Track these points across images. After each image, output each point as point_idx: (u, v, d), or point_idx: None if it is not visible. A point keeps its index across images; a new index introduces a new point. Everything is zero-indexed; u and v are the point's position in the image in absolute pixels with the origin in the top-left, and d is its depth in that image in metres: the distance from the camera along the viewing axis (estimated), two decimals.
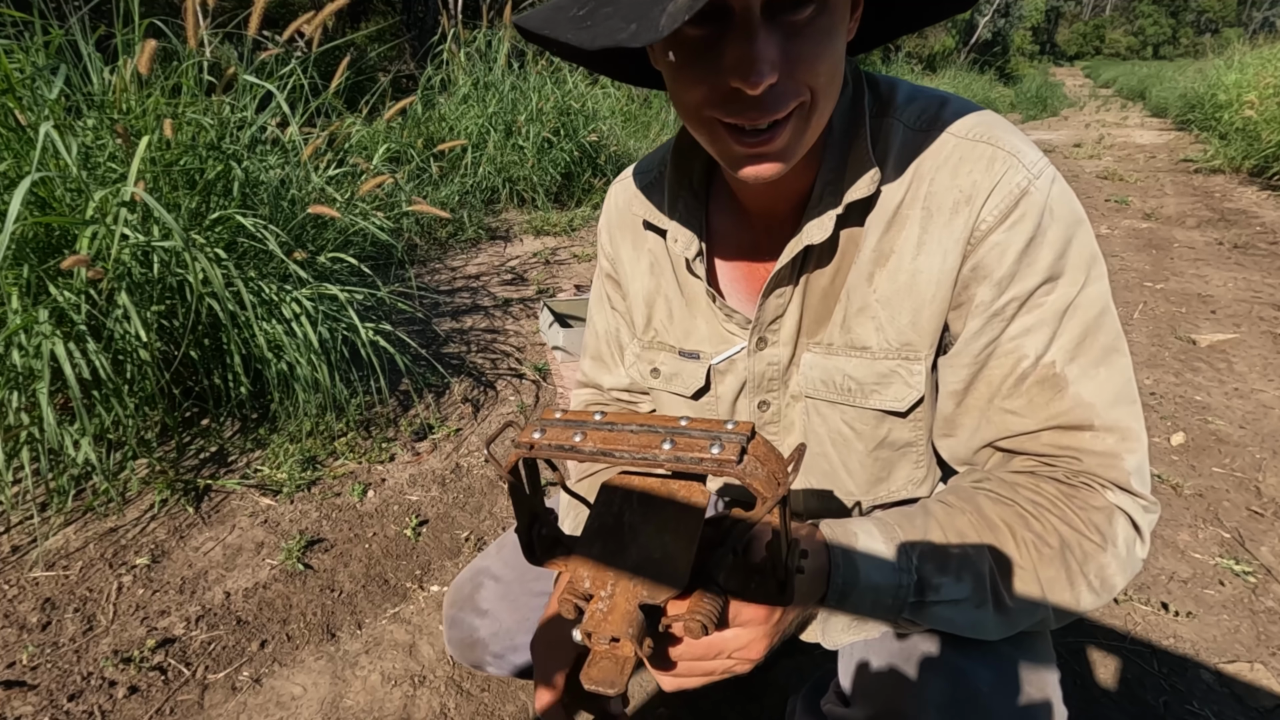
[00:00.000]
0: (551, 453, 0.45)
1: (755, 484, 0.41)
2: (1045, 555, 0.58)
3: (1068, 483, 0.61)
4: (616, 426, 0.45)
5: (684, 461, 0.41)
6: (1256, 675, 1.32)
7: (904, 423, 0.71)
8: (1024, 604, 0.59)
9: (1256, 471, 1.96)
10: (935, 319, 0.65)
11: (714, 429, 0.43)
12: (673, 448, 0.42)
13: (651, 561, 0.46)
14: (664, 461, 0.42)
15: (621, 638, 0.43)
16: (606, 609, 0.44)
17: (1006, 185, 0.59)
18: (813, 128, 0.58)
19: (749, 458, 0.41)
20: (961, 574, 0.57)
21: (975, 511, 0.60)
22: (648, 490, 0.51)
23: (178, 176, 1.91)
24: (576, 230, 4.24)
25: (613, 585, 0.46)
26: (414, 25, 7.86)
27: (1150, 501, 0.61)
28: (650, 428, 0.44)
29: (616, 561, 0.47)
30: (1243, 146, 6.10)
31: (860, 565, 0.57)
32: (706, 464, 0.41)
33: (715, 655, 0.51)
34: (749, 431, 0.42)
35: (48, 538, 1.62)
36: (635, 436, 0.44)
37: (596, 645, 0.44)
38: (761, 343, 0.73)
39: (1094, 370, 0.60)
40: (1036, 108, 13.17)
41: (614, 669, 0.44)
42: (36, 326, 1.56)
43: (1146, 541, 0.61)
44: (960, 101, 0.66)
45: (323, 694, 1.29)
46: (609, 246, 0.86)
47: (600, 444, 0.44)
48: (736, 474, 0.40)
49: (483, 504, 1.84)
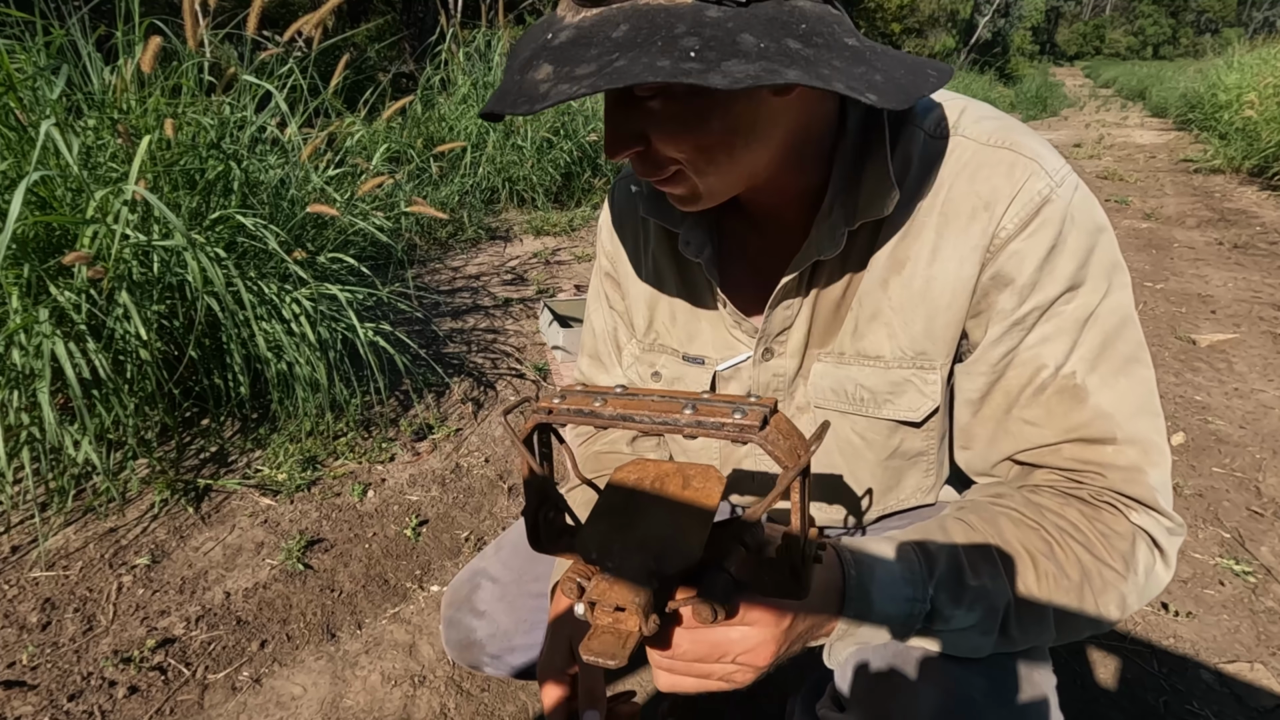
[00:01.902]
0: (570, 417, 0.44)
1: (777, 452, 0.40)
2: (1063, 587, 0.56)
3: (1092, 503, 0.59)
4: (638, 395, 0.44)
5: (705, 426, 0.41)
6: (1256, 675, 1.32)
7: (918, 433, 0.69)
8: (1030, 634, 0.58)
9: (1256, 471, 1.96)
10: (951, 327, 0.63)
11: (737, 400, 0.42)
12: (694, 413, 0.41)
13: (663, 536, 0.45)
14: (684, 426, 0.41)
15: (627, 607, 0.42)
16: (612, 579, 0.43)
17: (1028, 192, 0.58)
18: (711, 182, 0.58)
19: (771, 428, 0.40)
20: (974, 605, 0.56)
21: (997, 536, 0.58)
22: (661, 476, 0.50)
23: (178, 176, 1.92)
24: (576, 230, 4.24)
25: (618, 555, 0.44)
26: (413, 25, 7.85)
27: (1176, 523, 0.59)
28: (672, 397, 0.43)
29: (625, 535, 0.45)
30: (1243, 146, 6.10)
31: (874, 595, 0.55)
32: (728, 429, 0.40)
33: (719, 657, 0.49)
34: (772, 405, 0.42)
35: (48, 538, 1.62)
36: (656, 404, 0.43)
37: (599, 617, 0.43)
38: (768, 354, 0.72)
39: (1114, 380, 0.59)
40: (1036, 108, 13.16)
41: (615, 642, 0.42)
42: (37, 326, 1.56)
43: (1171, 565, 0.60)
44: (980, 106, 0.65)
45: (323, 694, 1.29)
46: (609, 245, 0.84)
47: (620, 409, 0.43)
48: (758, 440, 0.39)
49: (483, 504, 1.84)
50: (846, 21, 0.53)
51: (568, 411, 0.44)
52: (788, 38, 0.47)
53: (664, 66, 0.45)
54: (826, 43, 0.49)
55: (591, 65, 0.47)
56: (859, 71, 0.49)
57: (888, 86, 0.49)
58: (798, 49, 0.47)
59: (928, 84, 0.51)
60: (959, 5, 18.01)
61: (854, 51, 0.50)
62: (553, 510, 0.52)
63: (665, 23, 0.47)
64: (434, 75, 4.54)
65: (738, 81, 0.44)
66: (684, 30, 0.46)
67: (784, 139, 0.59)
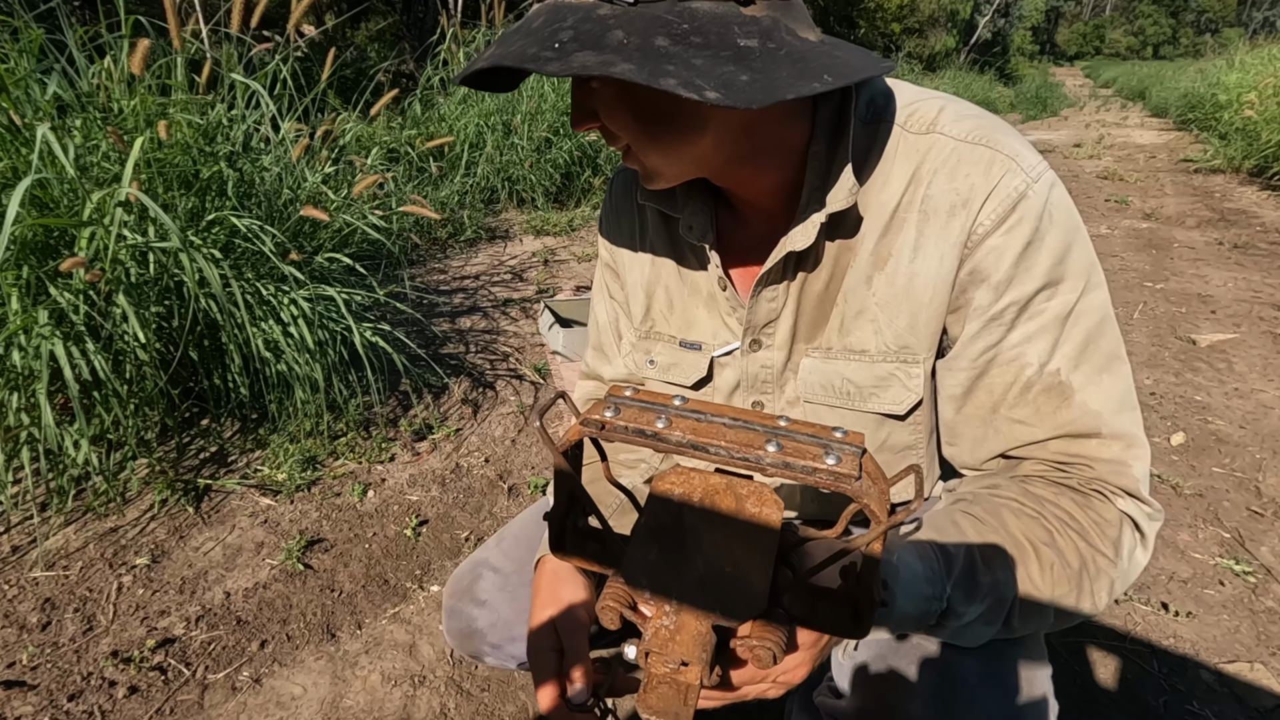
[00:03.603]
0: (629, 438, 0.39)
1: (872, 505, 0.36)
2: (1064, 576, 0.58)
3: (1082, 491, 0.60)
4: (705, 416, 0.39)
5: (794, 469, 0.36)
6: (1256, 675, 1.32)
7: (903, 426, 0.71)
8: (1029, 622, 0.58)
9: (1256, 471, 1.96)
10: (933, 322, 0.65)
11: (823, 435, 0.38)
12: (779, 451, 0.37)
13: (723, 576, 0.40)
14: (769, 466, 0.37)
15: (692, 662, 0.37)
16: (673, 627, 0.38)
17: (1004, 189, 0.59)
18: (656, 162, 0.61)
19: (864, 475, 0.37)
20: (985, 599, 0.57)
21: (1002, 528, 0.59)
22: (711, 493, 0.43)
23: (173, 177, 1.91)
24: (576, 230, 4.24)
25: (679, 597, 0.39)
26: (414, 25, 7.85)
27: (1155, 508, 0.61)
28: (747, 423, 0.39)
29: (681, 571, 0.40)
30: (1243, 146, 6.10)
31: (898, 596, 0.55)
32: (821, 476, 0.36)
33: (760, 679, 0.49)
34: (861, 444, 0.38)
35: (48, 538, 1.62)
36: (732, 432, 0.38)
37: (656, 667, 0.38)
38: (755, 344, 0.73)
39: (1098, 377, 0.60)
40: (1036, 108, 13.16)
41: (676, 698, 0.38)
42: (36, 328, 1.56)
43: (1149, 548, 0.61)
44: (959, 104, 0.66)
45: (323, 694, 1.29)
46: (608, 235, 0.86)
47: (690, 434, 0.38)
48: (853, 491, 0.36)
49: (482, 504, 1.84)
50: (764, 23, 0.52)
51: (625, 430, 0.39)
52: (659, 36, 0.49)
53: (531, 53, 0.49)
54: (706, 42, 0.49)
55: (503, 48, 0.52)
56: (722, 71, 0.48)
57: (748, 86, 0.48)
58: (663, 46, 0.49)
59: (810, 87, 0.49)
60: (959, 5, 18.00)
61: (738, 51, 0.50)
62: (580, 516, 0.49)
63: (561, 16, 0.52)
64: (434, 75, 4.54)
65: (571, 70, 0.47)
66: (570, 24, 0.50)
67: (730, 133, 0.60)
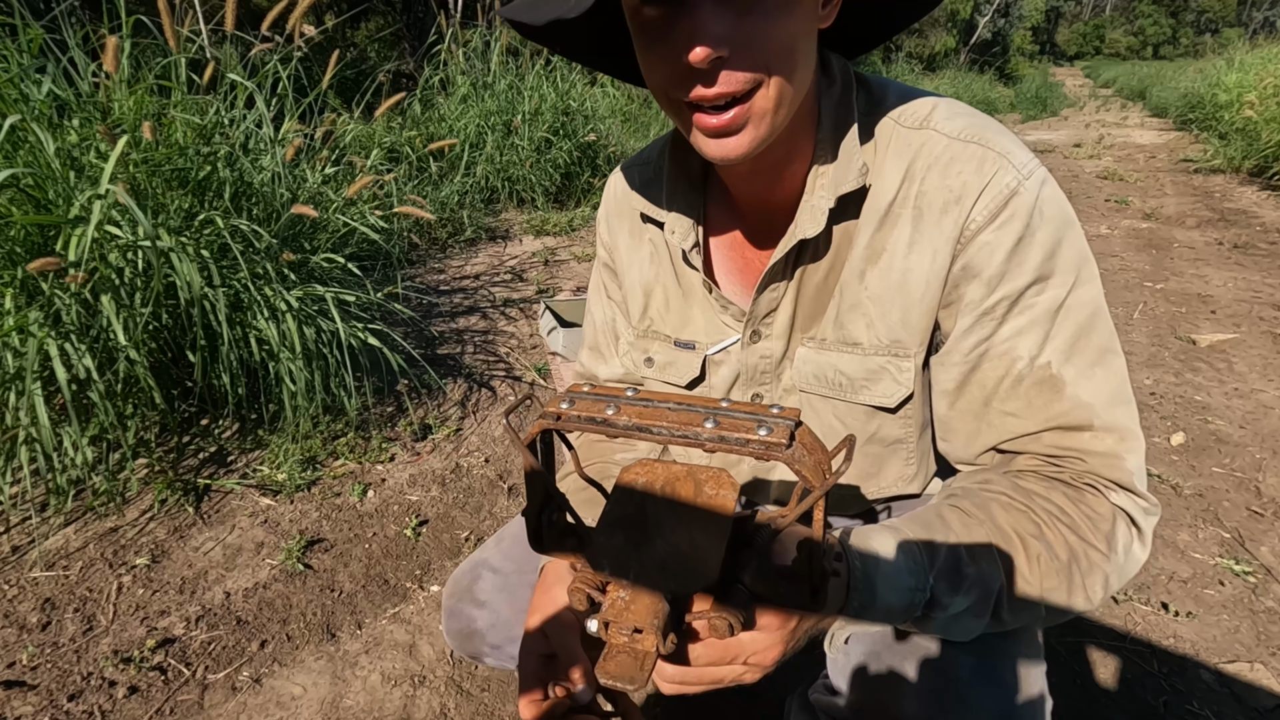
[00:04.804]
0: (581, 425, 0.41)
1: (804, 471, 0.38)
2: (1053, 569, 0.58)
3: (1074, 485, 0.61)
4: (652, 403, 0.42)
5: (729, 442, 0.38)
6: (1256, 675, 1.32)
7: (893, 419, 0.71)
8: (1020, 615, 0.59)
9: (1256, 471, 1.96)
10: (925, 317, 0.65)
11: (759, 411, 0.40)
12: (716, 427, 0.39)
13: (679, 554, 0.43)
14: (706, 441, 0.39)
15: (645, 629, 0.40)
16: (629, 598, 0.41)
17: (996, 185, 0.60)
18: (777, 109, 0.57)
19: (797, 444, 0.39)
20: (970, 590, 0.57)
21: (990, 522, 0.59)
22: (672, 480, 0.47)
23: (169, 176, 1.91)
24: (576, 230, 4.24)
25: (635, 575, 0.42)
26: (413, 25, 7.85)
27: (1151, 503, 0.61)
28: (689, 405, 0.41)
29: (640, 552, 0.44)
30: (1243, 146, 6.10)
31: (879, 587, 0.55)
32: (753, 446, 0.38)
33: (730, 660, 0.50)
34: (796, 418, 0.40)
35: (47, 538, 1.62)
36: (674, 414, 0.41)
37: (615, 636, 0.41)
38: (755, 336, 0.74)
39: (1090, 371, 0.61)
40: (1036, 108, 13.16)
41: (633, 664, 0.40)
42: (29, 328, 1.56)
43: (1147, 544, 0.61)
44: (952, 103, 0.66)
45: (323, 694, 1.29)
46: (606, 235, 0.86)
47: (636, 418, 0.41)
48: (785, 458, 0.38)
49: (483, 504, 1.84)
50: None
51: (578, 419, 0.41)
52: None
53: None
54: None
55: None
56: None
57: None
58: None
59: None
60: (959, 5, 18.00)
61: None
62: (555, 512, 0.51)
63: None
64: (434, 75, 4.54)
65: None
66: None
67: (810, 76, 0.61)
